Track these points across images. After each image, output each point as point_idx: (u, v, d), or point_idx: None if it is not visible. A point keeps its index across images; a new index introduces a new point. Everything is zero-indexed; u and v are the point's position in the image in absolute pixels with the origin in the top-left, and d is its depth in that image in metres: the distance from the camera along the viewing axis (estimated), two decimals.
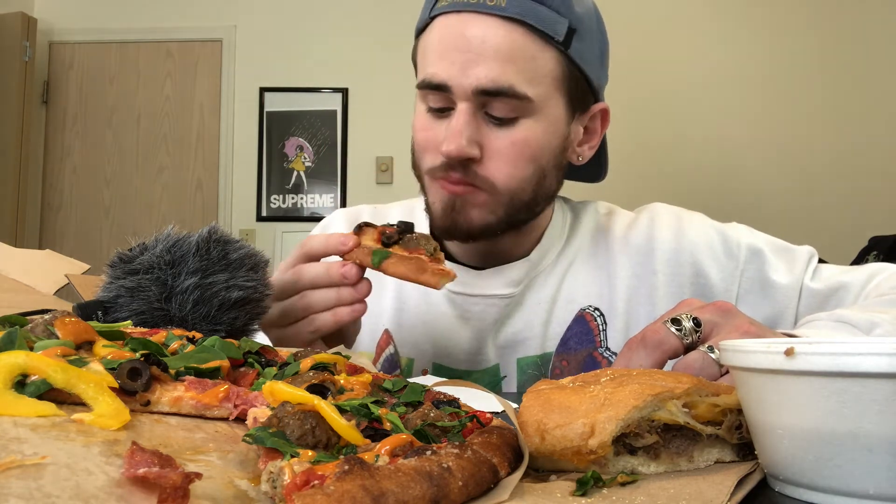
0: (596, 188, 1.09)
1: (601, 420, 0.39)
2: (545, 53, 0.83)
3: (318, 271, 0.77)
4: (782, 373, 0.37)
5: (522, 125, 0.84)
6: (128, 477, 0.30)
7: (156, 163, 4.22)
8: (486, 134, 0.83)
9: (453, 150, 0.81)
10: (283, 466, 0.32)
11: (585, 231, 0.98)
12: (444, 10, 0.85)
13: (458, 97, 0.83)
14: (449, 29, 0.84)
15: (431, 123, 0.87)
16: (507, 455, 0.38)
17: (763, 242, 0.92)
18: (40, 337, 0.46)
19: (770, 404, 0.38)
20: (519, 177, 0.85)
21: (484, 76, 0.81)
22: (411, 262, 0.73)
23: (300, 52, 4.16)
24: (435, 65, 0.84)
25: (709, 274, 0.91)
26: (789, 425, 0.37)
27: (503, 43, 0.81)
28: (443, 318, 0.95)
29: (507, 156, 0.84)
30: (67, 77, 4.24)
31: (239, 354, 0.51)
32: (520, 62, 0.82)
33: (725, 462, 0.43)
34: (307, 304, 0.77)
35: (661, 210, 0.99)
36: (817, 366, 0.35)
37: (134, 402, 0.41)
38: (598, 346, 0.92)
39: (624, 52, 4.05)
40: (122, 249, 0.71)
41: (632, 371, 0.47)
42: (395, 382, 0.50)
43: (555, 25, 0.83)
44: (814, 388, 0.36)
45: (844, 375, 0.35)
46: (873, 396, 0.34)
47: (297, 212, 4.15)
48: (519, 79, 0.82)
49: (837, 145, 3.95)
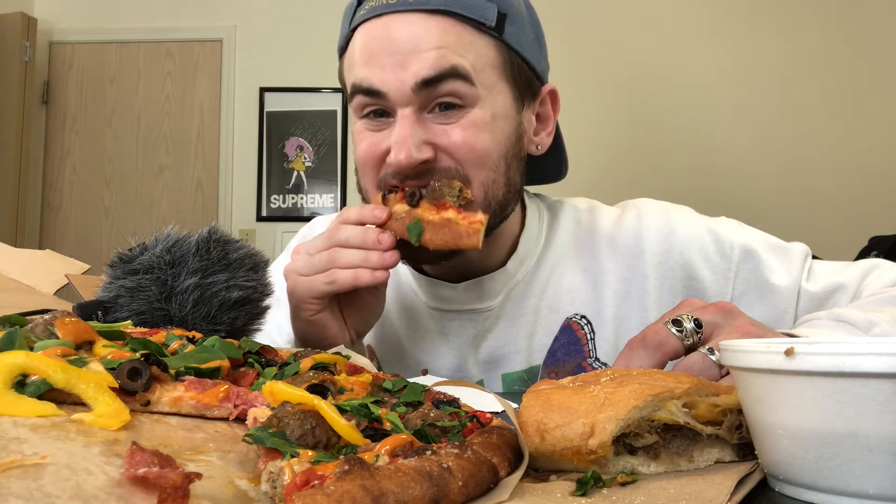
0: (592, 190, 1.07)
1: (601, 420, 0.39)
2: (480, 41, 0.80)
3: (356, 231, 0.77)
4: (782, 373, 0.37)
5: (471, 114, 0.79)
6: (128, 477, 0.30)
7: (156, 163, 4.22)
8: (435, 132, 0.79)
9: (403, 159, 0.77)
10: (283, 466, 0.32)
11: (565, 231, 0.93)
12: (364, 19, 0.82)
13: (396, 103, 0.79)
14: (373, 34, 0.80)
15: (370, 136, 0.82)
16: (507, 455, 0.38)
17: (756, 241, 0.89)
18: (40, 337, 0.46)
19: (770, 404, 0.38)
20: (484, 165, 0.80)
21: (420, 68, 0.77)
22: (445, 230, 0.73)
23: (300, 52, 4.16)
24: (363, 70, 0.80)
25: (702, 277, 0.87)
26: (789, 425, 0.37)
27: (434, 34, 0.78)
28: (425, 334, 0.93)
29: (464, 144, 0.79)
30: (67, 77, 4.24)
31: (239, 354, 0.51)
32: (456, 47, 0.78)
33: (725, 462, 0.43)
34: (334, 257, 0.77)
35: (648, 207, 0.93)
36: (817, 366, 0.35)
37: (134, 402, 0.41)
38: (587, 357, 0.88)
39: (624, 52, 4.06)
40: (122, 249, 0.72)
41: (631, 371, 0.47)
42: (395, 382, 0.50)
43: (484, 11, 0.80)
44: (814, 388, 0.36)
45: (845, 375, 0.34)
46: (874, 396, 0.34)
47: (297, 212, 4.15)
48: (459, 60, 0.78)
49: (838, 145, 3.95)
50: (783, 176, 3.96)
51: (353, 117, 0.86)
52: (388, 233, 0.76)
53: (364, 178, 0.85)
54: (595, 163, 3.94)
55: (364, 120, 0.83)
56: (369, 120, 0.82)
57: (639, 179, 3.93)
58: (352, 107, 0.85)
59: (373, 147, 0.82)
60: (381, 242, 0.75)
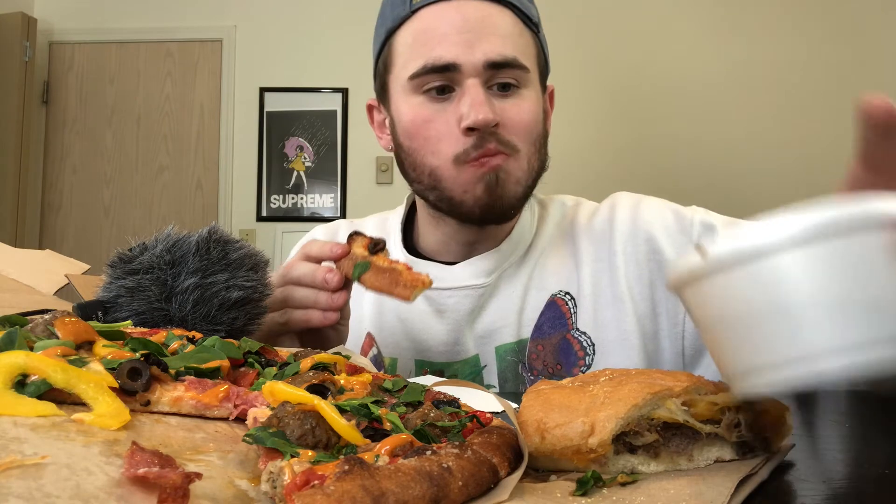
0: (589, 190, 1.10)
1: (601, 419, 0.40)
2: (528, 34, 0.92)
3: (306, 270, 0.79)
4: (704, 275, 0.38)
5: (524, 94, 0.90)
6: (128, 477, 0.30)
7: (156, 163, 4.22)
8: (497, 104, 0.88)
9: (482, 119, 0.84)
10: (283, 466, 0.32)
11: (552, 223, 1.03)
12: (428, 2, 0.89)
13: (466, 74, 0.86)
14: (442, 15, 0.88)
15: (434, 111, 0.89)
16: (507, 455, 0.38)
17: (717, 219, 0.95)
18: (40, 337, 0.46)
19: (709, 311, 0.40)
20: (530, 140, 0.91)
21: (491, 50, 0.86)
22: (386, 275, 0.75)
23: (300, 52, 4.16)
24: (436, 48, 0.87)
25: (663, 249, 0.93)
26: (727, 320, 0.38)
27: (500, 22, 0.88)
28: (419, 314, 0.98)
29: (519, 121, 0.89)
30: (67, 77, 4.24)
31: (239, 354, 0.51)
32: (515, 38, 0.89)
33: (725, 461, 0.43)
34: (286, 296, 0.80)
35: (623, 197, 1.03)
36: (729, 255, 0.37)
37: (134, 402, 0.41)
38: (570, 329, 0.95)
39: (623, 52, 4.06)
40: (122, 249, 0.71)
41: (630, 370, 0.47)
42: (395, 382, 0.50)
43: (530, 10, 0.92)
44: (735, 277, 0.37)
45: (755, 257, 0.36)
46: (787, 269, 0.36)
47: (297, 212, 4.15)
48: (518, 52, 0.89)
49: (837, 145, 3.95)
50: (783, 176, 3.96)
51: (408, 95, 0.90)
52: (336, 272, 0.78)
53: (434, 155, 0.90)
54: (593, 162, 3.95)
55: (424, 96, 0.90)
56: (433, 97, 0.89)
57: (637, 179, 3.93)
58: (407, 87, 0.90)
59: (440, 121, 0.88)
60: (328, 283, 0.77)
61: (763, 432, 0.44)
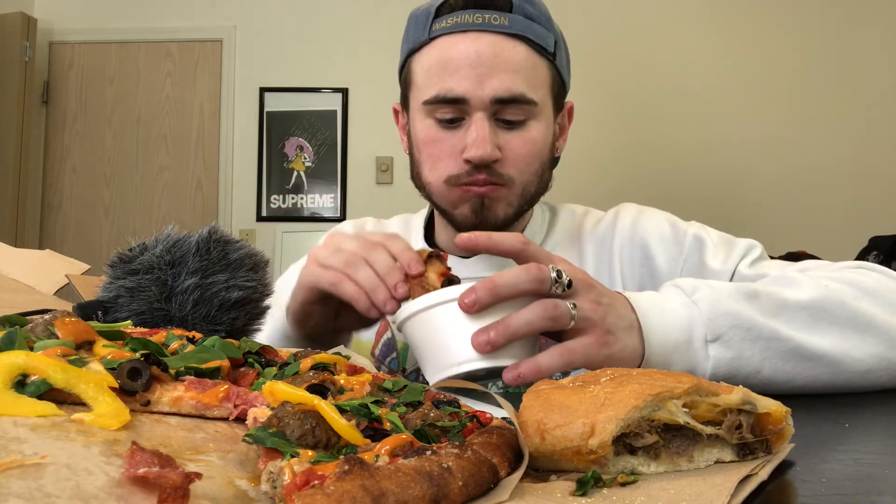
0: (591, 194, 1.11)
1: (601, 420, 0.39)
2: (541, 64, 0.96)
3: (387, 261, 0.73)
4: (407, 318, 0.67)
5: (531, 127, 0.95)
6: (128, 477, 0.30)
7: (156, 163, 4.22)
8: (501, 137, 0.94)
9: (480, 156, 0.91)
10: (283, 466, 0.32)
11: (561, 229, 1.08)
12: (446, 31, 0.94)
13: (475, 107, 0.92)
14: (457, 47, 0.93)
15: (442, 135, 0.95)
16: (507, 455, 0.38)
17: (711, 234, 0.99)
18: (40, 337, 0.46)
19: (413, 337, 0.68)
20: (530, 171, 0.96)
21: (499, 86, 0.91)
22: None
23: (300, 52, 4.16)
24: (448, 81, 0.92)
25: (655, 257, 0.98)
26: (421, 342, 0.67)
27: (511, 57, 0.92)
28: None
29: (521, 155, 0.95)
30: (67, 77, 4.24)
31: (239, 354, 0.51)
32: (526, 72, 0.93)
33: (725, 462, 0.43)
34: (354, 265, 0.73)
35: (627, 206, 1.08)
36: (415, 308, 0.66)
37: (134, 402, 0.41)
38: None
39: (624, 53, 4.06)
40: (122, 249, 0.72)
41: (631, 371, 0.47)
42: (395, 382, 0.50)
43: (546, 39, 0.95)
44: (418, 319, 0.66)
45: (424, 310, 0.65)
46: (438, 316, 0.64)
47: (297, 212, 4.15)
48: (526, 86, 0.93)
49: (837, 145, 3.95)
50: (783, 176, 3.96)
51: (421, 116, 0.98)
52: (407, 286, 0.71)
53: (432, 172, 0.98)
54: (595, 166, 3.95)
55: (433, 120, 0.96)
56: (443, 124, 0.95)
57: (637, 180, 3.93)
58: (421, 108, 0.97)
59: (444, 144, 0.95)
60: (395, 289, 0.71)
61: (764, 434, 0.44)
